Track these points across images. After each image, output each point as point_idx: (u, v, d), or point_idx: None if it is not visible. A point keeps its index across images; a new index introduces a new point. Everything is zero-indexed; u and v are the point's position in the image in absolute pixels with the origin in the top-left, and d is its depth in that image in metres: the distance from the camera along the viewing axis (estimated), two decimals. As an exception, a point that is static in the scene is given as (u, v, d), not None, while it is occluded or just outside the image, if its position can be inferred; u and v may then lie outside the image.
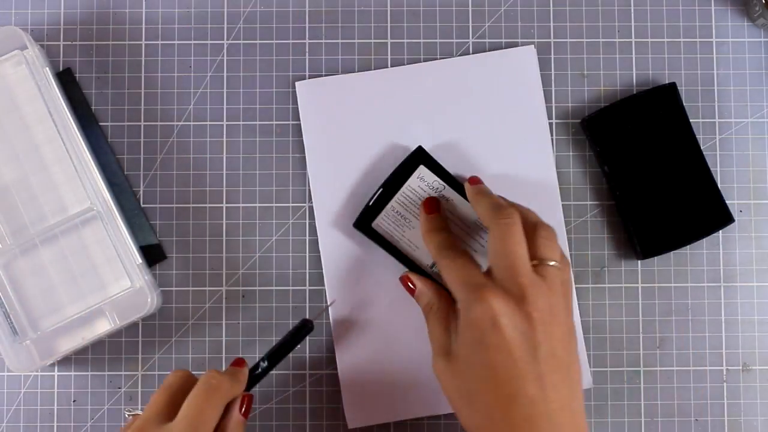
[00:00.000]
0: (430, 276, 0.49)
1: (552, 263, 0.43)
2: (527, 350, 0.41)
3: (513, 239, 0.43)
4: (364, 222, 0.51)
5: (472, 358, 0.42)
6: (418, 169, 0.50)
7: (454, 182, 0.50)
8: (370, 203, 0.50)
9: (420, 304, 0.48)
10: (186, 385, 0.43)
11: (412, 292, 0.49)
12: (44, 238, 0.52)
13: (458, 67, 0.53)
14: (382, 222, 0.50)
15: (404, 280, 0.49)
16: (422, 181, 0.50)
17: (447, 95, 0.53)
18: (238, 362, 0.46)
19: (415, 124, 0.53)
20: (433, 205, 0.50)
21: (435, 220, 0.49)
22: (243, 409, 0.44)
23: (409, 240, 0.50)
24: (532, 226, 0.45)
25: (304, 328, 0.49)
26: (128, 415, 0.44)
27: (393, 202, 0.50)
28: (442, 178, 0.50)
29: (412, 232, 0.50)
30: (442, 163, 0.51)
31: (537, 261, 0.43)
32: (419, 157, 0.51)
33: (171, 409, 0.41)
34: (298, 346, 0.49)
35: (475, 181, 0.49)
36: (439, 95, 0.53)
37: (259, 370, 0.46)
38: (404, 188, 0.50)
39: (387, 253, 0.51)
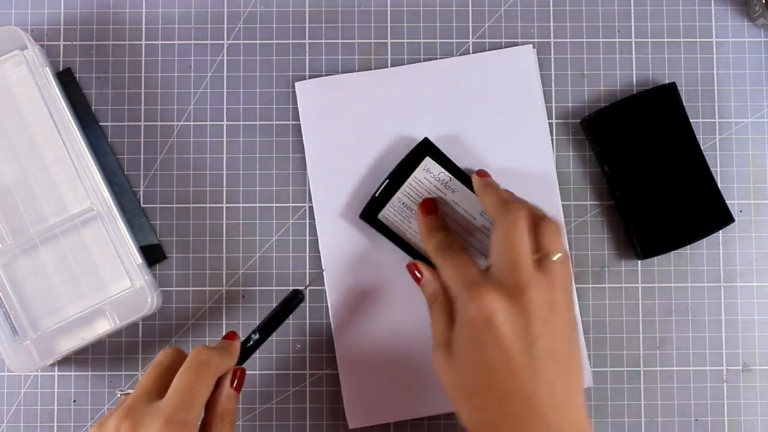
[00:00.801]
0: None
1: (555, 257, 0.43)
2: (523, 346, 0.41)
3: (516, 234, 0.43)
4: (371, 213, 0.51)
5: (468, 356, 0.42)
6: (424, 161, 0.50)
7: (461, 174, 0.51)
8: (377, 194, 0.51)
9: (425, 293, 0.48)
10: (176, 362, 0.43)
11: (418, 280, 0.48)
12: (44, 238, 0.52)
13: (457, 68, 0.53)
14: (389, 213, 0.51)
15: (411, 267, 0.49)
16: (428, 173, 0.50)
17: (446, 95, 0.53)
18: (230, 336, 0.46)
19: (415, 125, 0.53)
20: (430, 206, 0.50)
21: (433, 221, 0.49)
22: (235, 383, 0.44)
23: (415, 231, 0.51)
24: (538, 220, 0.44)
25: (294, 299, 0.48)
26: (120, 394, 0.44)
27: (399, 194, 0.51)
28: (448, 170, 0.50)
29: (416, 224, 0.51)
30: (448, 155, 0.51)
31: (540, 254, 0.43)
32: (425, 149, 0.51)
33: (161, 386, 0.42)
34: (290, 317, 0.48)
35: (482, 174, 0.49)
36: (439, 95, 0.53)
37: (251, 342, 0.46)
38: (410, 180, 0.50)
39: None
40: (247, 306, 0.53)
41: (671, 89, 0.53)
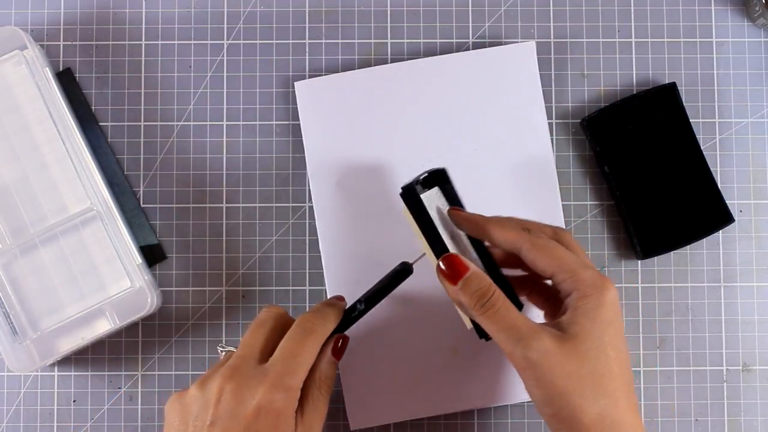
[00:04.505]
0: None
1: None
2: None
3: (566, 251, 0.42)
4: (414, 191, 0.44)
5: (601, 339, 0.39)
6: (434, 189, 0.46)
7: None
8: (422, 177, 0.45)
9: (468, 291, 0.41)
10: (279, 323, 0.43)
11: (458, 275, 0.41)
12: (44, 238, 0.52)
13: (458, 63, 0.53)
14: (427, 199, 0.45)
15: (453, 260, 0.42)
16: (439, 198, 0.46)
17: (447, 92, 0.53)
18: (339, 297, 0.46)
19: (415, 122, 0.53)
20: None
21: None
22: (336, 349, 0.44)
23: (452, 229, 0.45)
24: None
25: (402, 272, 0.45)
26: (221, 350, 0.44)
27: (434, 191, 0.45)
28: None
29: (442, 222, 0.45)
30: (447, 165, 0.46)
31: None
32: (441, 179, 0.46)
33: (265, 349, 0.42)
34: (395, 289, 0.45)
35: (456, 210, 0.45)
36: (439, 92, 0.53)
37: (356, 312, 0.45)
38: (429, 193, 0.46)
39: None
40: (247, 306, 0.53)
41: (671, 89, 0.53)
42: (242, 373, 0.40)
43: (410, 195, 0.44)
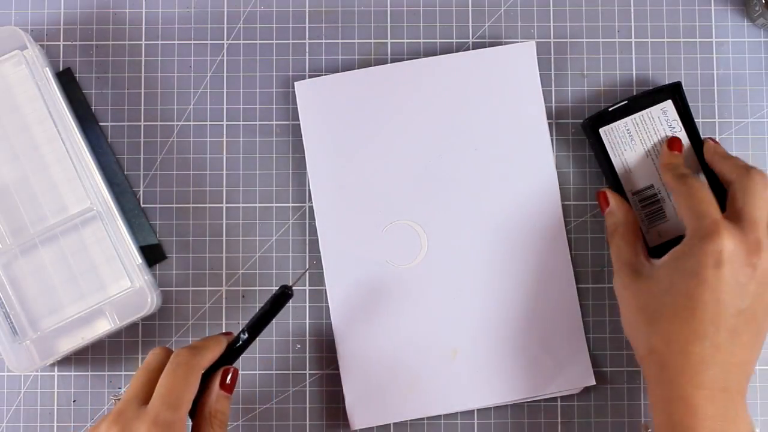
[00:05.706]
0: (627, 201, 0.51)
1: None
2: (735, 301, 0.42)
3: (762, 201, 0.44)
4: (595, 124, 0.51)
5: (675, 285, 0.43)
6: (665, 103, 0.51)
7: (693, 134, 0.51)
8: (610, 109, 0.51)
9: (607, 222, 0.51)
10: (164, 363, 0.43)
11: (603, 208, 0.51)
12: (44, 238, 0.52)
13: (458, 63, 0.53)
14: (610, 132, 0.51)
15: (601, 195, 0.51)
16: (664, 115, 0.51)
17: (446, 92, 0.53)
18: (225, 333, 0.47)
19: (414, 122, 0.53)
20: (677, 144, 0.50)
21: (677, 158, 0.50)
22: (225, 383, 0.44)
23: (625, 160, 0.51)
24: None
25: (282, 296, 0.47)
26: (114, 400, 0.44)
27: (629, 120, 0.51)
28: (684, 123, 0.51)
29: (631, 155, 0.51)
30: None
31: None
32: (673, 92, 0.52)
33: (149, 389, 0.42)
34: (278, 314, 0.47)
35: (714, 141, 0.50)
36: (439, 92, 0.53)
37: (240, 342, 0.46)
38: (645, 113, 0.51)
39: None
40: (247, 306, 0.53)
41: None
42: (126, 416, 0.41)
43: (588, 130, 0.52)
